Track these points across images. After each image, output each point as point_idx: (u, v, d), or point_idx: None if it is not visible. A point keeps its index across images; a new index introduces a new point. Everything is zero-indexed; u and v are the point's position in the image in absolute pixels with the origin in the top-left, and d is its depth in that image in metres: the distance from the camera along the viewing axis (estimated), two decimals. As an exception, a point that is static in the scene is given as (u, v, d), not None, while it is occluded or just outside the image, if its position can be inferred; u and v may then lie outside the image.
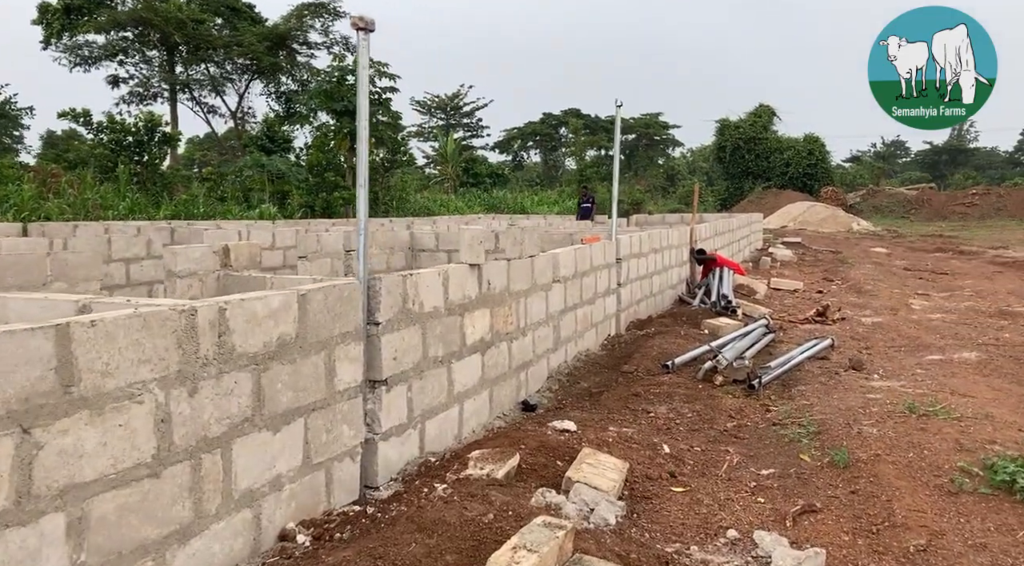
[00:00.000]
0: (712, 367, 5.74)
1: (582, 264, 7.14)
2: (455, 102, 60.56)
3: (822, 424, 4.76)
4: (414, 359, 4.15)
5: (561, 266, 6.55)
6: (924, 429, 4.58)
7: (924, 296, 11.88)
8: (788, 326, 8.96)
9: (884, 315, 9.92)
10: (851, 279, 13.74)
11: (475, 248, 4.83)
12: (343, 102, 22.80)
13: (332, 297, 3.48)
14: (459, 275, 4.66)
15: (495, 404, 5.20)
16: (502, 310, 5.30)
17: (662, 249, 10.26)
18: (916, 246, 24.54)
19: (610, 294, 8.06)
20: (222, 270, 7.52)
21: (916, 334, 8.44)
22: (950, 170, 61.61)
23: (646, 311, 9.43)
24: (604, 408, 5.30)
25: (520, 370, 5.65)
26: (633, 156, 65.19)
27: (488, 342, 5.08)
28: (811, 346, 7.22)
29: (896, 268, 16.47)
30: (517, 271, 5.56)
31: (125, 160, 19.58)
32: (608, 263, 8.02)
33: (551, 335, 6.31)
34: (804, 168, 47.16)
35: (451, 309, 4.57)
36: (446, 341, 4.51)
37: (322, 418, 3.41)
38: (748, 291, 10.99)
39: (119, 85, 28.81)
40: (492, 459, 3.63)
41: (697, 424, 4.92)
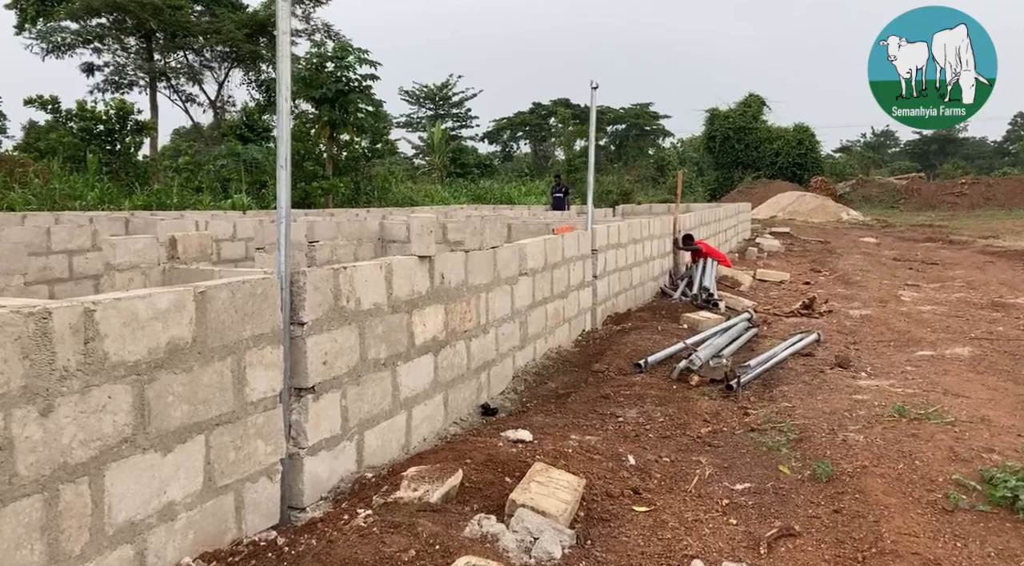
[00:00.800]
0: (687, 366, 5.32)
1: (553, 256, 6.71)
2: (444, 92, 59.96)
3: (804, 430, 4.36)
4: (350, 362, 3.71)
5: (529, 258, 6.11)
6: (915, 435, 4.18)
7: (914, 287, 11.52)
8: (773, 320, 8.56)
9: (873, 307, 9.54)
10: (839, 270, 13.37)
11: (424, 238, 4.38)
12: (322, 90, 22.24)
13: (241, 295, 3.03)
14: (406, 268, 4.22)
15: (451, 409, 4.77)
16: (459, 306, 4.86)
17: (643, 239, 9.84)
18: (906, 236, 24.23)
19: (585, 287, 7.64)
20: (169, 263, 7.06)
21: (906, 328, 8.06)
22: (939, 160, 61.48)
23: (625, 304, 9.02)
24: (570, 412, 4.88)
25: (481, 371, 5.22)
26: (623, 146, 64.75)
27: (442, 341, 4.64)
28: (795, 341, 6.82)
29: (885, 258, 16.11)
30: (477, 263, 5.12)
31: (96, 149, 18.98)
32: (583, 254, 7.60)
33: (517, 332, 5.89)
34: (794, 158, 46.88)
35: (396, 306, 4.13)
36: (390, 341, 4.08)
37: (229, 434, 2.97)
38: (733, 283, 10.60)
39: (94, 73, 28.10)
40: (430, 478, 3.21)
41: (668, 430, 4.51)
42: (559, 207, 19.37)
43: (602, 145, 65.66)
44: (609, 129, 65.50)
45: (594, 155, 7.99)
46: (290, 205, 3.42)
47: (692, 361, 5.27)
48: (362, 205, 23.40)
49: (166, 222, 8.85)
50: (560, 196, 20.35)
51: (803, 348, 6.79)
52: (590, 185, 8.02)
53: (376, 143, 25.01)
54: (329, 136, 23.30)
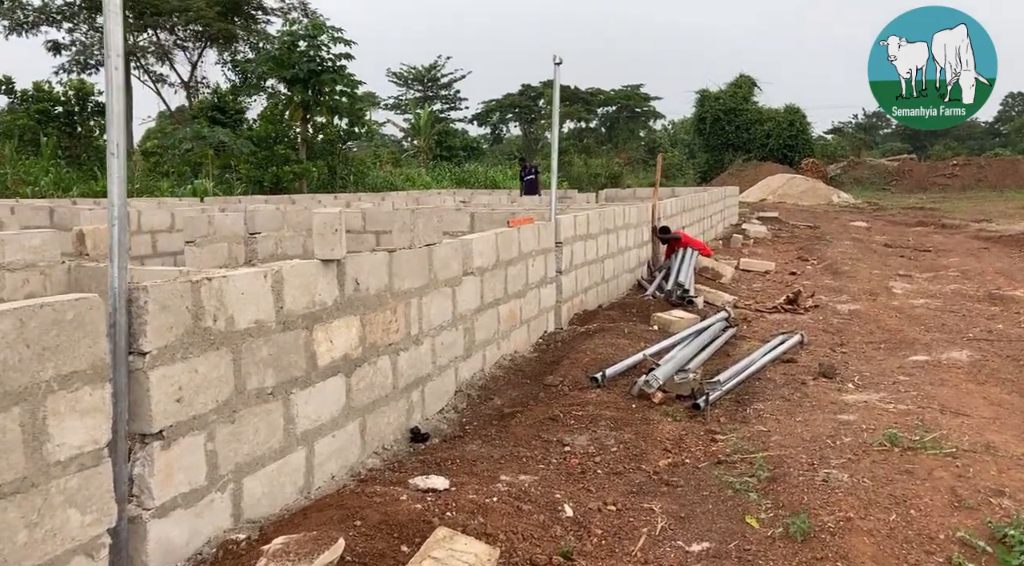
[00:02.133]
0: (643, 387, 4.63)
1: (507, 251, 6.00)
2: (432, 74, 58.94)
3: (779, 463, 3.69)
4: (219, 396, 3.02)
5: (476, 255, 5.41)
6: (910, 472, 3.53)
7: (906, 278, 10.88)
8: (754, 317, 7.90)
9: (862, 301, 8.90)
10: (828, 258, 12.72)
11: (328, 238, 3.67)
12: (293, 69, 21.34)
13: (38, 325, 2.32)
14: (302, 276, 3.51)
15: (370, 437, 4.09)
16: (380, 316, 4.16)
17: (616, 229, 9.14)
18: (897, 219, 23.62)
19: (547, 284, 6.94)
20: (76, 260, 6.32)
21: (898, 326, 7.41)
22: (930, 141, 60.77)
23: (596, 300, 8.34)
24: (511, 438, 4.21)
25: (412, 389, 4.53)
26: (613, 128, 63.90)
27: (357, 359, 3.95)
28: (776, 345, 6.16)
29: (876, 244, 15.48)
30: (405, 265, 4.42)
31: (53, 132, 18.08)
32: (544, 248, 6.89)
33: (461, 340, 5.19)
34: (785, 140, 46.17)
35: (290, 322, 3.43)
36: (281, 365, 3.38)
37: (20, 507, 2.27)
38: (713, 275, 9.92)
39: (60, 52, 26.99)
40: (299, 551, 2.52)
41: (622, 462, 3.84)
42: (532, 191, 18.41)
43: (592, 127, 64.90)
44: (599, 111, 64.71)
45: (557, 136, 7.26)
46: (125, 200, 2.71)
47: (648, 382, 4.58)
48: (338, 190, 22.59)
49: (95, 211, 8.08)
50: (532, 178, 19.28)
51: (785, 352, 6.13)
52: (553, 172, 7.31)
53: (354, 125, 24.12)
54: (303, 118, 22.42)
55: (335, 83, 21.91)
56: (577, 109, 54.24)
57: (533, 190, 18.49)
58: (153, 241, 8.50)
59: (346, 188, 23.17)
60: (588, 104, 62.03)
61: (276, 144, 20.71)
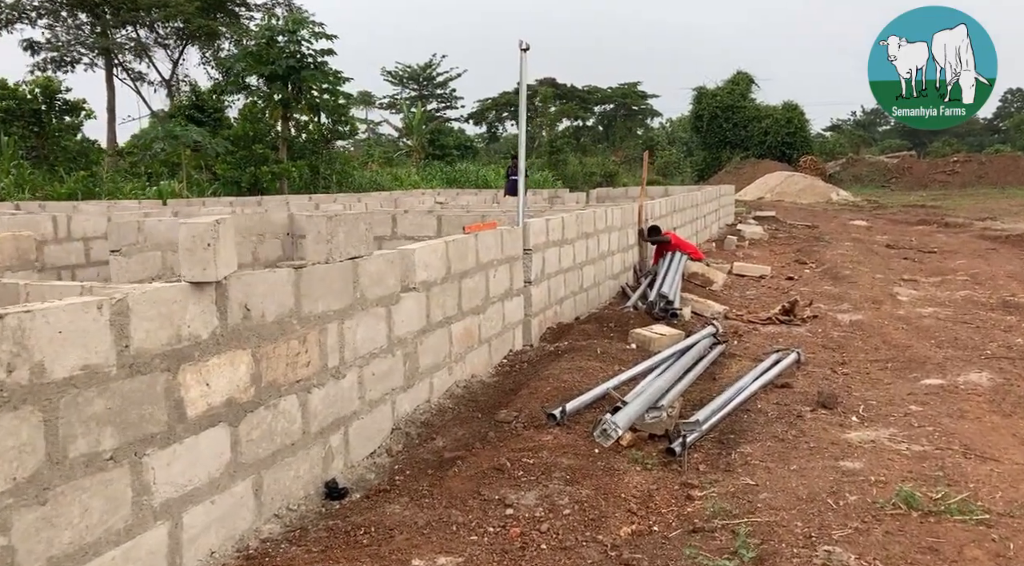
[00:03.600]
0: (603, 432, 3.87)
1: (461, 262, 5.25)
2: (428, 72, 58.26)
3: (768, 536, 2.95)
4: (20, 471, 2.27)
5: (419, 268, 4.65)
6: (935, 550, 2.78)
7: (911, 283, 10.13)
8: (746, 330, 7.15)
9: (865, 310, 8.15)
10: (827, 261, 11.96)
11: (199, 255, 2.92)
12: (272, 65, 20.57)
13: None
14: (160, 304, 2.76)
15: (269, 498, 3.34)
16: (282, 347, 3.41)
17: (597, 233, 8.39)
18: (898, 218, 22.90)
19: (513, 297, 6.19)
20: (-30, 274, 5.54)
21: (905, 340, 6.66)
22: (929, 138, 60.00)
23: (574, 311, 7.59)
24: (445, 495, 3.46)
25: (331, 432, 3.78)
26: (611, 127, 63.29)
27: (248, 403, 3.20)
28: (769, 366, 5.41)
29: (878, 246, 14.73)
30: (320, 283, 3.67)
31: (17, 131, 17.30)
32: (510, 256, 6.14)
33: (399, 368, 4.44)
34: (783, 137, 45.55)
35: (140, 364, 2.68)
36: (128, 421, 2.63)
37: None
38: (704, 281, 9.17)
39: (37, 51, 26.19)
40: None
41: (575, 531, 3.09)
42: (514, 191, 17.27)
43: (589, 126, 64.23)
44: (596, 109, 64.19)
45: (524, 130, 6.50)
46: None
47: (606, 432, 3.80)
48: (320, 190, 21.83)
49: (18, 216, 7.33)
50: (516, 179, 18.02)
51: (779, 374, 5.38)
52: (521, 170, 6.56)
53: (337, 123, 23.34)
54: (283, 116, 21.64)
55: (316, 80, 21.14)
56: (572, 107, 53.42)
57: (516, 190, 17.36)
58: (87, 249, 7.74)
59: (328, 189, 22.40)
60: (585, 102, 61.49)
61: (255, 143, 19.92)
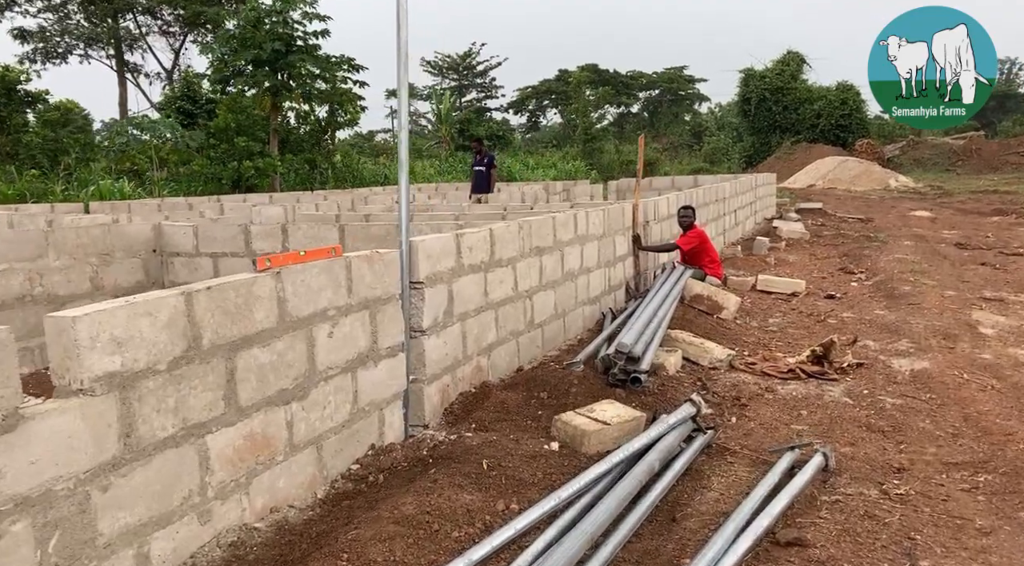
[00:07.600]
0: None
1: (232, 324, 3.13)
2: (467, 61, 56.54)
3: None
4: None
5: (88, 350, 2.54)
6: None
7: (996, 303, 7.63)
8: (756, 391, 4.87)
9: (933, 353, 5.76)
10: (881, 270, 9.48)
11: None
12: (256, 50, 18.73)
13: None
14: None
15: None
16: None
17: (560, 246, 6.18)
18: (968, 207, 19.88)
19: (380, 360, 4.03)
20: None
21: (999, 417, 4.30)
22: (998, 117, 55.37)
23: (515, 360, 5.41)
24: None
25: None
26: (656, 113, 60.49)
27: None
28: (772, 489, 3.17)
29: (946, 244, 12.09)
30: None
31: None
32: (374, 298, 3.99)
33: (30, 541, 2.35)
34: (837, 120, 42.26)
35: None
36: None
37: None
38: (710, 307, 6.86)
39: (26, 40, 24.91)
40: None
41: None
42: (482, 187, 13.76)
43: (634, 112, 61.55)
44: (641, 95, 61.61)
45: (406, 118, 4.32)
46: None
47: None
48: (317, 186, 20.00)
49: None
50: (481, 170, 13.94)
51: (790, 503, 3.13)
52: (403, 163, 4.37)
53: (334, 113, 21.44)
54: (272, 106, 19.81)
55: (305, 64, 19.24)
56: (608, 92, 50.64)
57: (483, 185, 13.78)
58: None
59: (326, 185, 20.52)
60: (629, 88, 59.05)
61: (238, 136, 18.12)
